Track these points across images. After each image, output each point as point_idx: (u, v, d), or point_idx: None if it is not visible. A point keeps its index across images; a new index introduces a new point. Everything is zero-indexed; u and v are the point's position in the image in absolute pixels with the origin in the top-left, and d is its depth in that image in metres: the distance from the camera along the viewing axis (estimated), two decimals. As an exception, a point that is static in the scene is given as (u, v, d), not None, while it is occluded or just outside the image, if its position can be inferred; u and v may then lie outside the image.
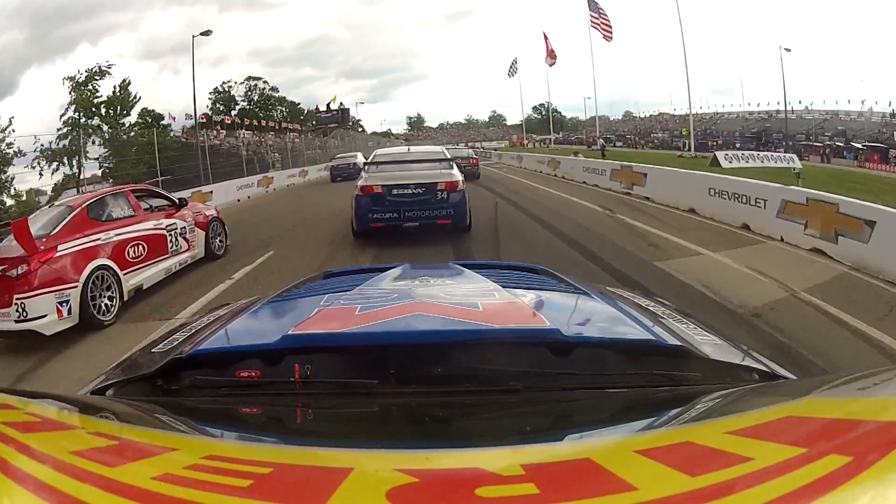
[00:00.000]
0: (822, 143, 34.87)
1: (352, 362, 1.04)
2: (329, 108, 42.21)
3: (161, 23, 55.43)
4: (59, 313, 4.65)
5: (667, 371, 1.00)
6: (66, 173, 27.40)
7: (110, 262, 5.32)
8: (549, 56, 44.84)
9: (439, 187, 7.41)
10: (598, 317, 1.25)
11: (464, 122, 79.02)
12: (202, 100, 41.81)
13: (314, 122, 42.80)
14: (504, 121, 77.00)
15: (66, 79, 29.82)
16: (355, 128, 52.95)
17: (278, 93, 46.30)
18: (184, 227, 6.86)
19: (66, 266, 4.87)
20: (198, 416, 0.95)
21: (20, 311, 4.52)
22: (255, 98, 45.08)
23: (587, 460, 0.63)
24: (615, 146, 44.76)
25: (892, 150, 29.72)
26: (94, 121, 30.17)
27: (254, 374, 1.01)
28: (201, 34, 23.35)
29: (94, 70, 30.43)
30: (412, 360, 1.00)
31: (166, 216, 6.65)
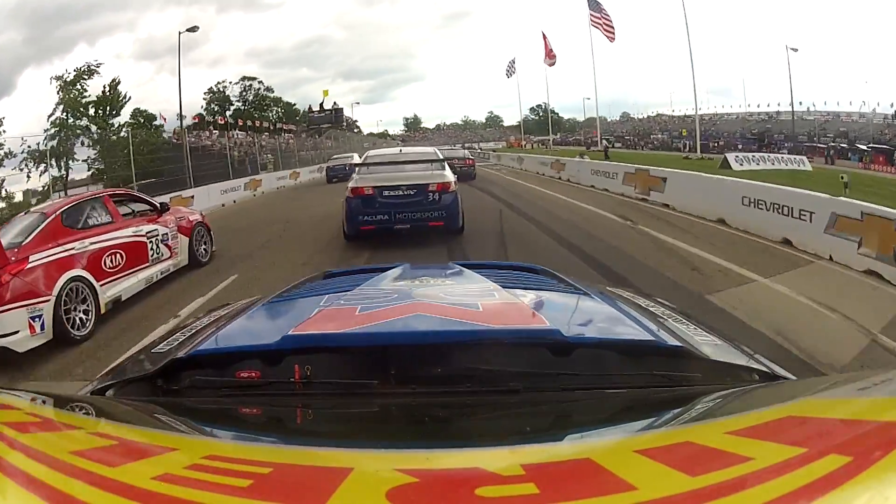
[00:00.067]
0: (825, 144, 34.31)
1: (352, 362, 1.04)
2: (322, 107, 39.58)
3: (159, 23, 54.69)
4: (32, 329, 4.33)
5: (667, 371, 1.00)
6: (54, 175, 26.80)
7: (85, 273, 4.98)
8: (547, 56, 44.22)
9: (431, 188, 7.20)
10: (598, 317, 1.25)
11: (461, 122, 78.54)
12: (198, 100, 41.31)
13: (307, 122, 41.47)
14: (501, 122, 76.55)
15: (53, 78, 29.12)
16: (350, 128, 52.09)
17: (273, 93, 45.77)
18: (165, 234, 6.45)
19: (39, 278, 4.55)
20: (198, 416, 0.95)
21: None
22: (250, 98, 44.47)
23: (587, 460, 0.63)
24: (614, 147, 44.12)
25: (897, 151, 29.17)
26: (83, 121, 29.45)
27: (254, 374, 1.01)
28: (188, 30, 22.61)
29: (82, 69, 29.71)
30: (412, 360, 1.00)
31: (147, 222, 6.27)
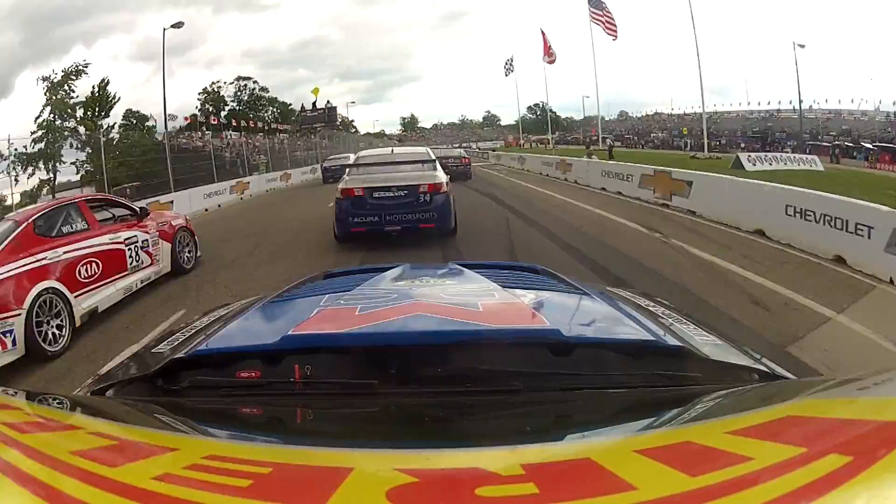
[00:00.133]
0: (829, 142, 33.62)
1: (352, 363, 1.04)
2: (315, 106, 39.11)
3: (156, 24, 53.97)
4: (3, 344, 4.14)
5: (667, 371, 0.99)
6: (42, 178, 25.86)
7: (58, 285, 4.75)
8: (546, 54, 43.33)
9: (422, 189, 7.08)
10: (598, 317, 1.25)
11: (458, 122, 78.19)
12: (193, 101, 40.34)
13: (300, 121, 40.34)
14: (498, 121, 76.32)
15: (40, 79, 28.15)
16: (346, 128, 51.08)
17: (268, 93, 44.85)
18: (145, 240, 6.16)
19: (9, 291, 4.33)
20: (198, 416, 0.95)
21: None
22: (245, 98, 43.50)
23: (587, 460, 0.63)
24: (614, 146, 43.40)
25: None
26: (71, 123, 28.48)
27: (254, 374, 1.01)
28: (172, 26, 21.54)
29: (70, 70, 28.73)
30: (412, 360, 1.00)
31: (126, 228, 5.99)
